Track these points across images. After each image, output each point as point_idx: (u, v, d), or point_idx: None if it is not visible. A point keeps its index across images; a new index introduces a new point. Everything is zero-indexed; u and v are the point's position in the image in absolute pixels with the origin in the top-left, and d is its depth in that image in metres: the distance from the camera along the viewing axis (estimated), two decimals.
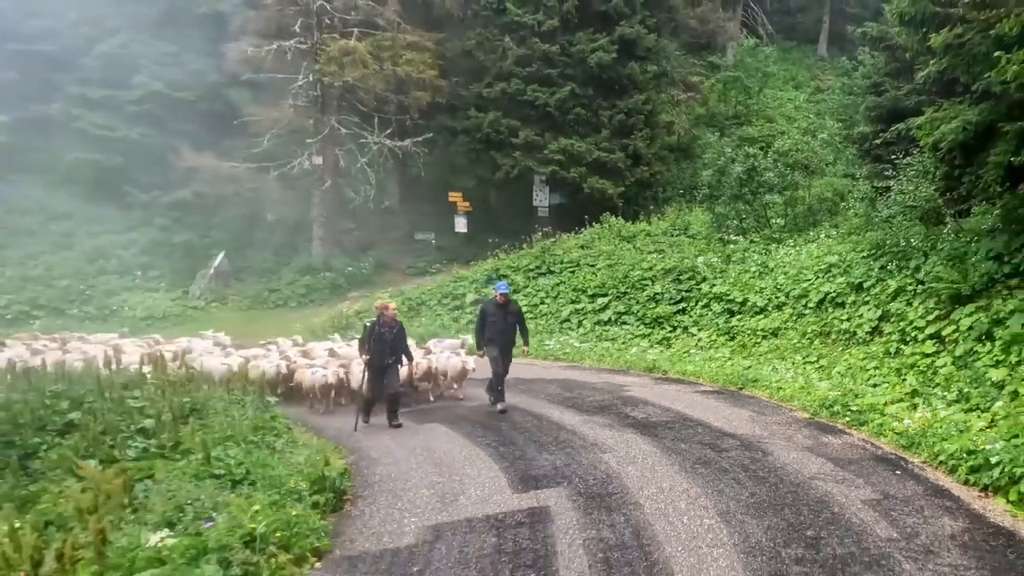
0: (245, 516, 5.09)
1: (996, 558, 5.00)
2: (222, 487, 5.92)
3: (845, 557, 5.05)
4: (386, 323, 10.93)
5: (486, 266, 24.64)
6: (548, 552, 5.33)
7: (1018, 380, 8.70)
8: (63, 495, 6.24)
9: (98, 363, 12.67)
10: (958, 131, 10.64)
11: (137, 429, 10.02)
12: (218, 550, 4.59)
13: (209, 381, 11.49)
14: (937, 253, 12.94)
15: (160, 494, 5.80)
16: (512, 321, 11.86)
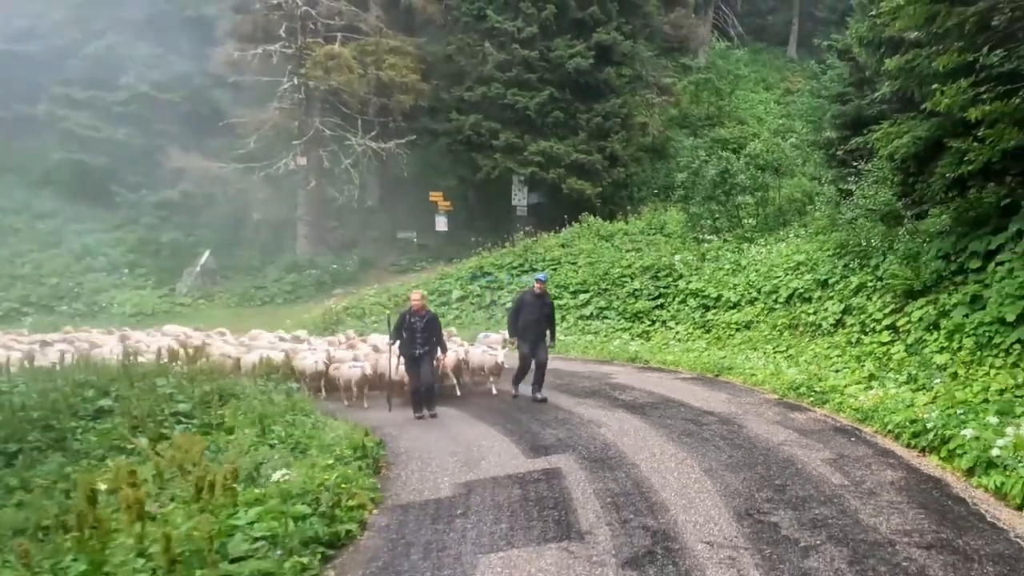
0: (314, 472, 6.09)
1: (923, 496, 6.15)
2: (285, 451, 6.90)
3: (805, 497, 6.17)
4: (416, 312, 10.93)
5: (470, 264, 25.62)
6: (566, 498, 6.39)
7: (958, 363, 9.90)
8: (159, 454, 7.09)
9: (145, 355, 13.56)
10: (910, 145, 11.87)
11: (171, 412, 10.97)
12: (301, 495, 5.57)
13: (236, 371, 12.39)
14: (894, 252, 14.10)
15: (230, 458, 6.75)
16: (547, 312, 11.89)
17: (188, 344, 14.41)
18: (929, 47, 10.41)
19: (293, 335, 17.04)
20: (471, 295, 23.81)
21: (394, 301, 25.22)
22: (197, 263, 28.57)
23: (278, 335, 17.12)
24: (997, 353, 9.38)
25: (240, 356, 13.72)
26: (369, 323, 22.20)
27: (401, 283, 27.09)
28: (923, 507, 5.88)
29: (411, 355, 10.77)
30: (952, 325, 10.75)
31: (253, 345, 15.40)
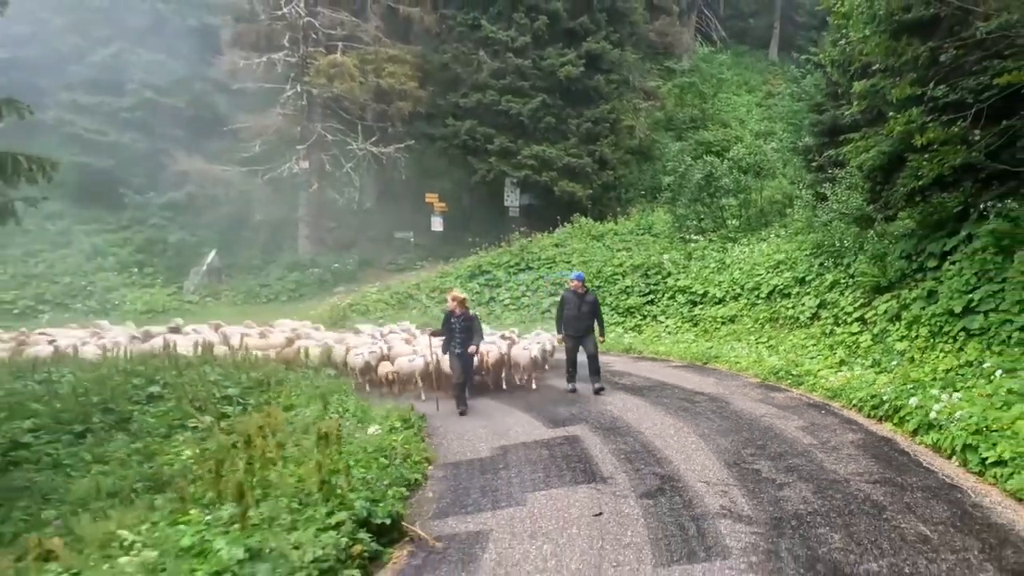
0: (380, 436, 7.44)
1: (875, 450, 7.58)
2: (352, 420, 8.22)
3: (781, 452, 7.59)
4: (456, 313, 11.41)
5: (468, 263, 26.95)
6: (587, 456, 7.78)
7: (915, 349, 11.39)
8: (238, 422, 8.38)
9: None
10: (876, 158, 13.38)
11: (222, 396, 12.28)
12: (378, 451, 6.91)
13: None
14: (864, 253, 15.55)
15: (304, 428, 8.07)
16: (587, 310, 12.17)
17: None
18: (890, 76, 11.89)
19: (354, 328, 18.13)
20: (471, 292, 25.10)
21: (396, 299, 26.58)
22: (203, 262, 29.68)
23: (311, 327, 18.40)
24: (946, 340, 10.86)
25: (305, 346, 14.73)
26: (376, 319, 23.42)
27: (401, 281, 28.37)
28: (874, 457, 7.32)
29: (453, 353, 11.30)
30: (911, 316, 12.22)
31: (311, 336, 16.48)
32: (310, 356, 13.73)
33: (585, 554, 5.26)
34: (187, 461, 9.02)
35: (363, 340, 15.07)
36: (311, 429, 7.66)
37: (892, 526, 5.54)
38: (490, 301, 24.42)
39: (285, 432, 7.35)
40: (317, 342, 15.00)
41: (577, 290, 12.27)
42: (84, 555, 6.46)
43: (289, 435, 7.27)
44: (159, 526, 6.57)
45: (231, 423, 10.85)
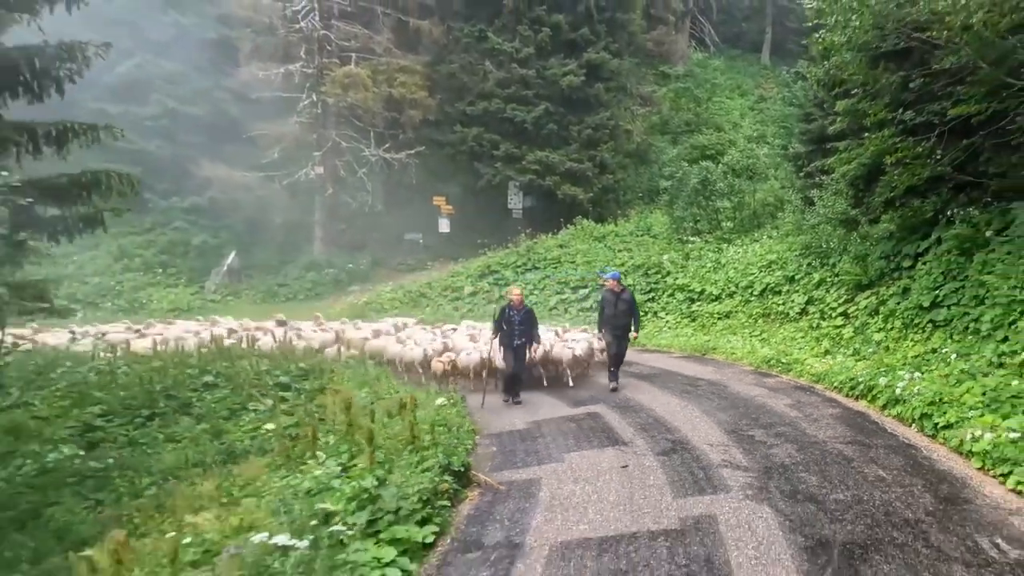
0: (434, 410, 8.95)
1: (850, 421, 9.11)
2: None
3: (771, 423, 9.12)
4: (514, 307, 11.99)
5: (478, 262, 28.46)
6: (608, 427, 9.31)
7: (890, 339, 12.93)
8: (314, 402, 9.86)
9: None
10: (857, 168, 14.91)
11: (275, 383, 13.76)
12: (435, 423, 8.40)
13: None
14: (847, 253, 17.07)
15: (369, 405, 9.55)
16: (624, 308, 12.57)
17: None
18: (869, 97, 13.44)
19: (400, 322, 19.39)
20: (481, 291, 26.62)
21: (408, 297, 28.06)
22: (224, 263, 31.11)
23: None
24: (916, 330, 12.41)
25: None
26: (392, 315, 24.86)
27: (413, 280, 29.87)
28: (848, 426, 8.87)
29: (509, 345, 11.93)
30: (887, 311, 13.78)
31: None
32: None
33: (618, 491, 6.78)
34: (269, 433, 10.56)
35: (423, 335, 16.23)
36: (377, 404, 9.17)
37: (857, 471, 7.07)
38: (499, 299, 25.86)
39: (358, 406, 8.82)
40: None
41: (614, 289, 12.75)
42: (202, 508, 7.93)
43: (361, 408, 8.73)
44: (269, 480, 8.07)
45: (291, 405, 12.40)
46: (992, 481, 6.78)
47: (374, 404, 8.86)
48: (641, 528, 5.85)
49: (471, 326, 18.48)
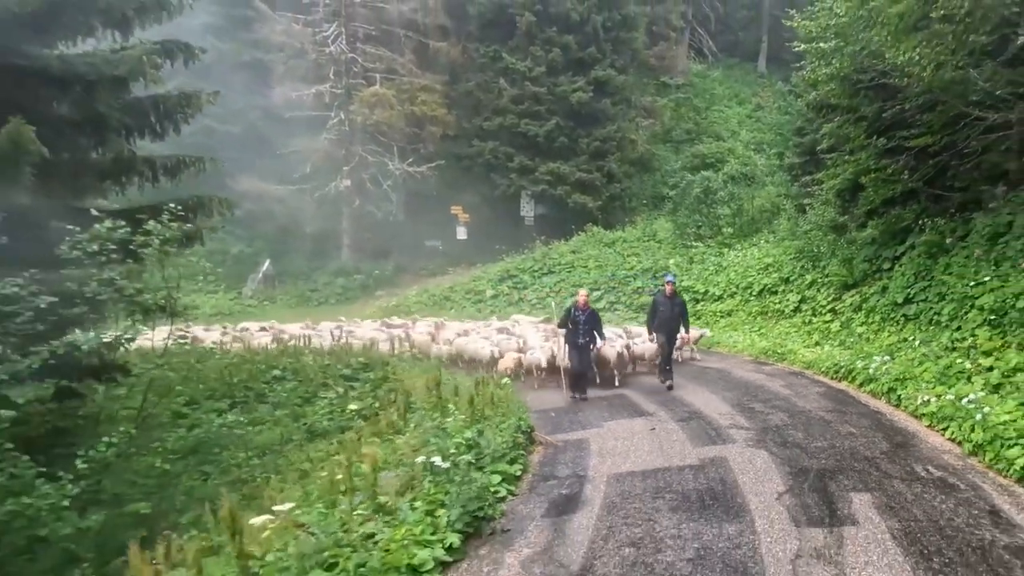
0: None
1: (832, 396, 11.27)
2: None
3: (769, 398, 11.28)
4: (580, 308, 12.64)
5: (498, 267, 30.60)
6: (635, 403, 11.49)
7: (870, 331, 15.07)
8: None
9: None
10: (842, 182, 17.11)
11: (340, 375, 15.90)
12: (498, 399, 10.55)
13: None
14: (836, 257, 19.22)
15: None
16: (678, 311, 13.24)
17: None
18: (851, 121, 15.62)
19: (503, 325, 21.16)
20: (501, 294, 28.77)
21: (433, 300, 30.19)
22: (259, 270, 33.26)
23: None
24: (892, 323, 14.54)
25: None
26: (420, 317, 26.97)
27: (436, 284, 32.02)
28: (830, 400, 11.04)
29: (574, 344, 12.60)
30: (869, 307, 15.93)
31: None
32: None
33: (650, 444, 8.94)
34: (352, 413, 12.70)
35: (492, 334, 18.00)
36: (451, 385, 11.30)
37: (833, 429, 9.24)
38: (519, 301, 28.02)
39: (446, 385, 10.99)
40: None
41: (669, 293, 13.34)
42: (311, 471, 10.01)
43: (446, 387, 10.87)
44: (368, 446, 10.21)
45: (359, 392, 14.55)
46: (935, 434, 8.95)
47: (456, 385, 10.97)
48: (671, 464, 8.02)
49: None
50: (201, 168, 13.57)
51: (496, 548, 5.90)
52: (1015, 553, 5.37)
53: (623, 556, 5.54)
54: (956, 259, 13.58)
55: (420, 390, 11.64)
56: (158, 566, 5.28)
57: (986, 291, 11.48)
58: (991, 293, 11.31)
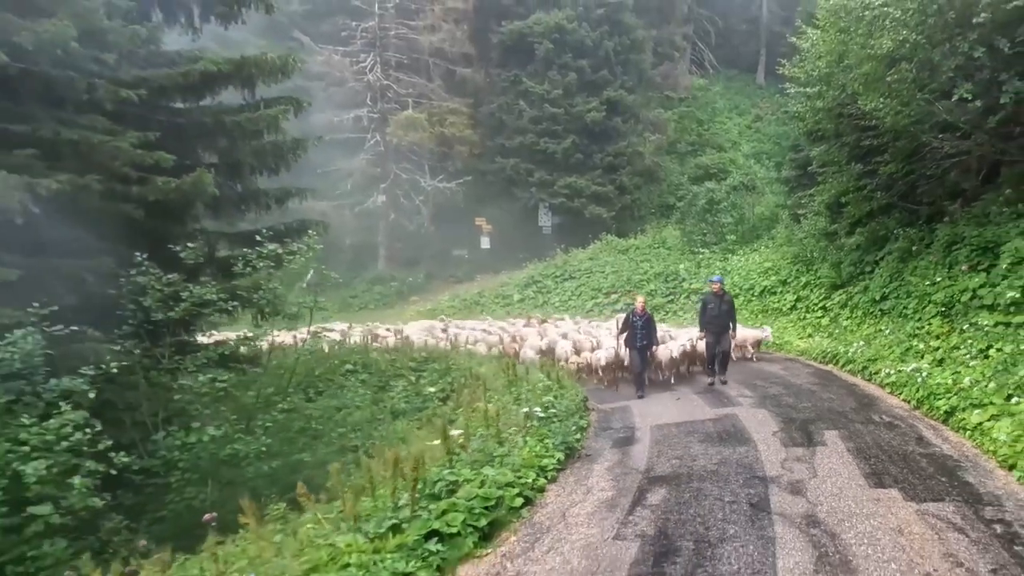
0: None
1: (818, 375, 14.25)
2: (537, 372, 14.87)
3: (768, 377, 14.27)
4: (637, 313, 13.61)
5: (524, 274, 33.60)
6: (662, 383, 14.49)
7: (854, 324, 18.02)
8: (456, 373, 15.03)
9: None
10: (830, 197, 20.08)
11: (407, 367, 18.88)
12: (558, 380, 13.52)
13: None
14: (826, 261, 22.17)
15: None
16: (726, 309, 13.89)
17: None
18: (837, 146, 18.59)
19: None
20: (527, 298, 31.76)
21: (463, 304, 33.18)
22: (304, 279, 36.19)
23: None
24: (871, 317, 17.47)
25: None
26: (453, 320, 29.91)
27: (465, 290, 35.02)
28: (817, 377, 14.04)
29: (634, 346, 13.58)
30: (853, 304, 18.88)
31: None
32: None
33: (679, 408, 11.95)
34: (432, 395, 15.70)
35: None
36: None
37: (817, 395, 12.23)
38: (544, 304, 31.02)
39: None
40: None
41: (716, 292, 14.17)
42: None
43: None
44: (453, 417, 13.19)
45: (429, 380, 17.53)
46: (893, 397, 11.94)
47: (527, 371, 13.96)
48: (695, 418, 11.03)
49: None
50: (303, 197, 16.54)
51: (586, 463, 8.90)
52: (925, 456, 8.35)
53: (671, 463, 8.54)
54: (921, 263, 16.50)
55: (486, 376, 14.64)
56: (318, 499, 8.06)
57: (940, 289, 14.41)
58: (943, 290, 14.24)
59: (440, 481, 6.81)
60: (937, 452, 8.50)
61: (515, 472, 7.55)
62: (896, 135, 16.13)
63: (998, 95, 12.41)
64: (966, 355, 11.55)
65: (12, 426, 7.98)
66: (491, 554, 5.99)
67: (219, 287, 12.03)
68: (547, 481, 7.94)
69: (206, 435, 10.17)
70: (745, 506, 6.74)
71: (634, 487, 7.60)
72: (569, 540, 6.16)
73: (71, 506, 7.86)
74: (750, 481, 7.54)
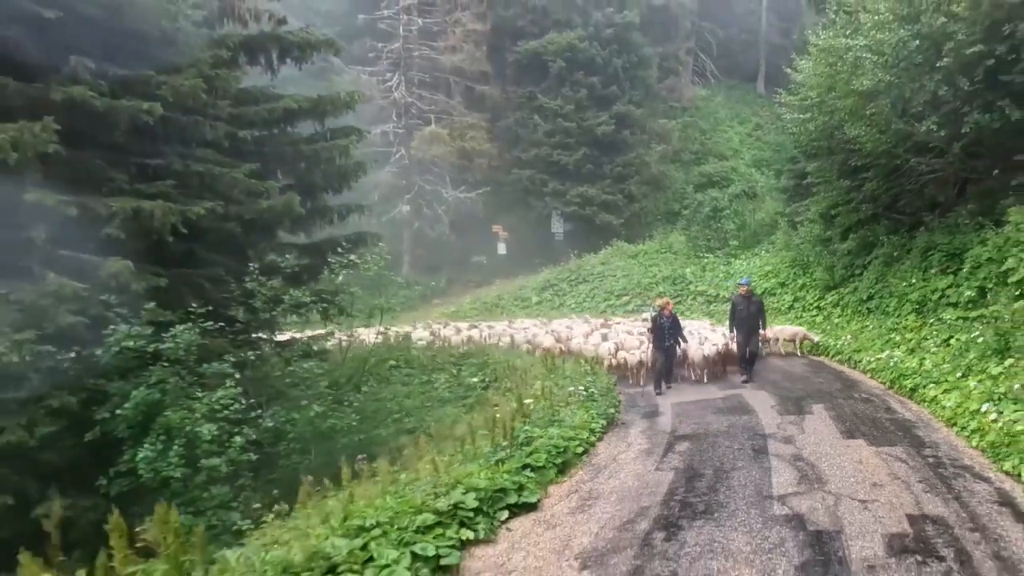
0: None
1: (813, 365, 16.60)
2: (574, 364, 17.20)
3: (768, 367, 16.64)
4: (665, 315, 14.65)
5: (540, 278, 35.93)
6: (677, 372, 16.86)
7: (844, 321, 20.34)
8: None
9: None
10: (824, 208, 22.44)
11: (448, 361, 21.21)
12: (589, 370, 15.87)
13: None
14: (821, 265, 24.46)
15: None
16: (754, 311, 14.80)
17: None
18: (828, 163, 20.94)
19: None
20: (544, 300, 34.11)
21: (484, 307, 35.50)
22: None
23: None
24: (859, 315, 19.78)
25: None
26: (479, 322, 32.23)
27: (484, 293, 37.36)
28: (810, 366, 16.41)
29: (660, 346, 14.63)
30: (844, 304, 21.20)
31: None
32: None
33: (693, 391, 14.31)
34: (475, 385, 18.04)
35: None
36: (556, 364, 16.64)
37: (809, 380, 14.59)
38: (560, 306, 33.35)
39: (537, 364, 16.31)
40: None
41: (744, 294, 15.18)
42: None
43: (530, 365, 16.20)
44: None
45: (470, 372, 19.87)
46: (872, 380, 14.31)
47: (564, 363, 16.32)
48: (709, 397, 13.39)
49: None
50: (362, 212, 18.92)
51: (623, 428, 11.27)
52: (890, 420, 10.69)
53: (691, 427, 10.90)
54: (902, 267, 18.81)
55: (523, 367, 17.01)
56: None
57: (915, 289, 16.73)
58: (918, 291, 16.56)
59: (522, 434, 9.17)
60: (899, 417, 10.86)
61: (572, 431, 9.91)
62: (877, 157, 18.52)
63: (961, 125, 14.75)
64: (931, 344, 13.91)
65: (184, 399, 10.35)
66: (568, 481, 8.35)
67: (308, 291, 14.32)
68: (596, 439, 10.29)
69: (312, 411, 12.55)
70: (749, 451, 9.10)
71: (664, 442, 9.97)
72: (622, 472, 8.52)
73: (231, 460, 10.23)
74: (753, 436, 9.90)
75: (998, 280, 13.36)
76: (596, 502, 7.32)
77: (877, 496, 6.95)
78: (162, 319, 11.17)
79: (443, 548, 5.60)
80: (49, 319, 10.05)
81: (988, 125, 14.38)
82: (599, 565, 5.66)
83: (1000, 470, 7.71)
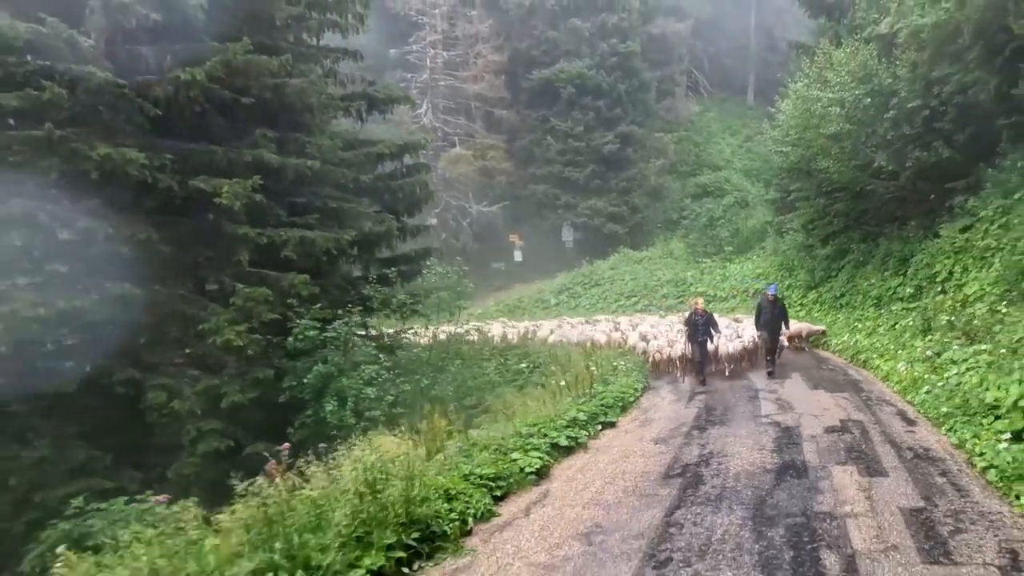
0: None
1: (808, 355, 21.02)
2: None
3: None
4: (699, 313, 16.29)
5: (556, 282, 40.28)
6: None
7: (822, 315, 24.76)
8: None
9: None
10: (808, 219, 26.88)
11: (492, 353, 25.54)
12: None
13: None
14: (803, 268, 28.96)
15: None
16: (778, 314, 16.52)
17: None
18: (812, 183, 25.36)
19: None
20: (561, 302, 38.47)
21: (506, 308, 39.78)
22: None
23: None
24: (835, 310, 24.21)
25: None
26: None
27: (505, 296, 41.68)
28: (793, 352, 20.81)
29: (695, 341, 16.37)
30: (822, 301, 25.64)
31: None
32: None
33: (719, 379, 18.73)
34: (524, 370, 22.38)
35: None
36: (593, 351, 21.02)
37: (792, 360, 19.00)
38: (576, 307, 37.68)
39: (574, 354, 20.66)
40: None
41: (770, 299, 16.94)
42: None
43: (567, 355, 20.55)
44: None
45: (515, 360, 24.19)
46: (837, 358, 18.79)
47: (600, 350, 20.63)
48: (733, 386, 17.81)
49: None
50: (426, 231, 23.27)
51: (655, 390, 15.68)
52: (845, 380, 15.07)
53: (712, 397, 15.30)
54: (866, 270, 23.25)
55: (561, 356, 21.35)
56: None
57: (875, 288, 21.18)
58: (877, 289, 21.02)
59: (592, 389, 13.57)
60: (851, 378, 15.33)
61: (623, 389, 14.31)
62: (844, 184, 22.92)
63: (906, 160, 19.20)
64: (882, 329, 18.39)
65: (349, 372, 14.72)
66: (630, 414, 12.77)
67: (407, 294, 18.68)
68: (638, 396, 14.70)
69: (423, 382, 16.91)
70: (746, 398, 13.53)
71: (687, 395, 14.41)
72: (663, 411, 12.93)
73: (384, 412, 14.61)
74: (749, 390, 14.35)
75: (930, 280, 17.81)
76: (652, 422, 11.77)
77: (824, 413, 11.40)
78: (325, 316, 15.55)
79: (580, 434, 10.06)
80: (255, 315, 14.42)
81: (927, 161, 18.80)
82: (663, 442, 10.09)
83: (905, 400, 12.15)
